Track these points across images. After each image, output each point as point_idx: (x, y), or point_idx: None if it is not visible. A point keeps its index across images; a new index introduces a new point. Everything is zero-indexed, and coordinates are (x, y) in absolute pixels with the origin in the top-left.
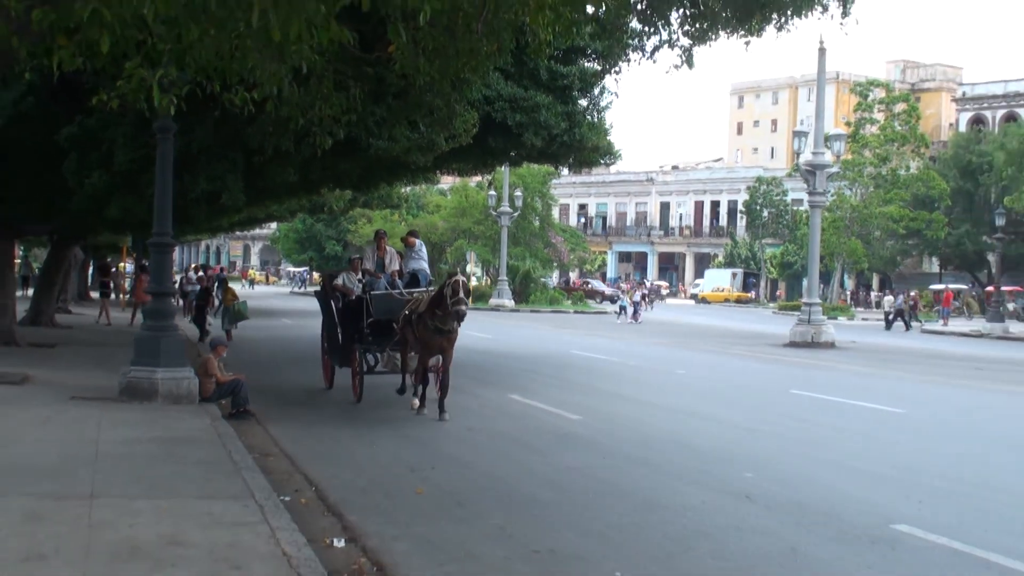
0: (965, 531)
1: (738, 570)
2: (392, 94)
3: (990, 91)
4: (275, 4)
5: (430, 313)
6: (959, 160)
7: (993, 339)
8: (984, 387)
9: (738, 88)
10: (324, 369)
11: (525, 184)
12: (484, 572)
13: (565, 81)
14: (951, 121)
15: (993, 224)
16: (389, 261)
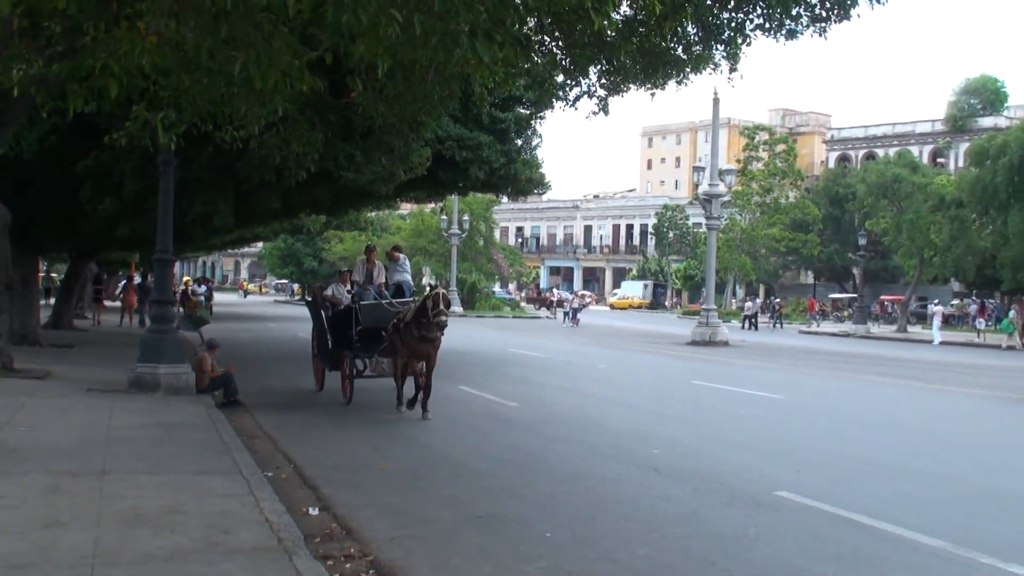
0: (835, 496)
1: (647, 531)
2: (358, 134)
3: (854, 134)
4: (256, 57)
5: (416, 323)
6: (829, 191)
7: (858, 338)
8: (848, 377)
9: (648, 131)
10: (315, 372)
11: (471, 210)
12: (436, 533)
13: (503, 124)
14: (822, 159)
15: (856, 244)
16: (377, 274)
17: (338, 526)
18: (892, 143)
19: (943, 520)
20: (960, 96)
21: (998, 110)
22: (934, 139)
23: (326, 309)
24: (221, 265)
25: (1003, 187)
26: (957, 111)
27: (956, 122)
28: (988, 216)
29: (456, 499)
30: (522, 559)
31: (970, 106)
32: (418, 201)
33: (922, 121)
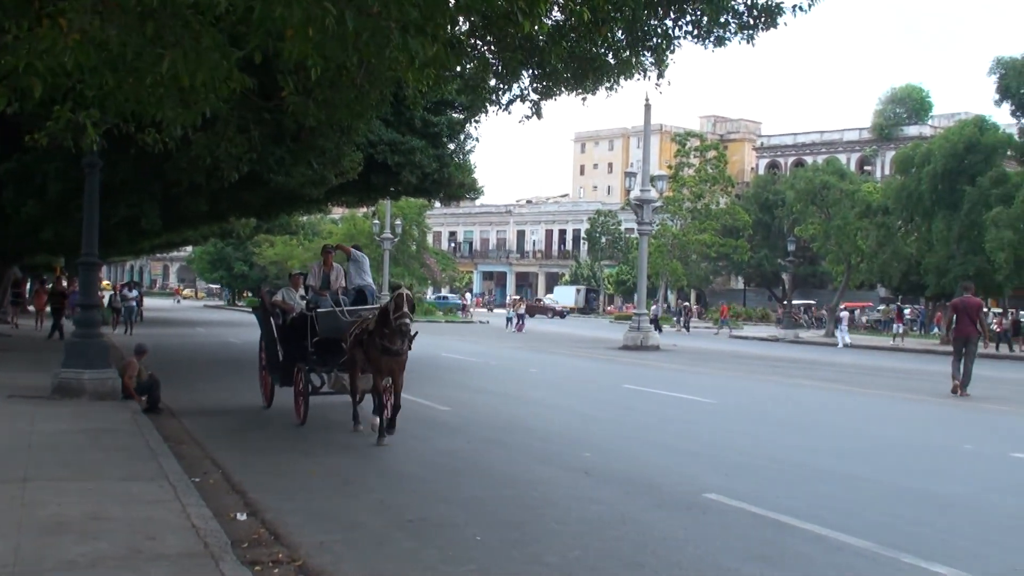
0: (762, 497)
1: (577, 533)
2: (289, 136)
3: (783, 142)
4: (184, 56)
5: (379, 332)
6: (759, 197)
7: (787, 343)
8: (776, 380)
9: (580, 136)
10: (263, 388)
11: (404, 214)
12: (365, 538)
13: (436, 128)
14: (752, 166)
15: (786, 249)
16: (335, 277)
17: (266, 531)
18: (820, 150)
19: (868, 521)
20: (886, 105)
21: (923, 119)
22: (861, 147)
23: (276, 316)
24: (149, 269)
25: (927, 195)
26: (883, 120)
27: (882, 130)
28: (913, 223)
29: (386, 503)
30: (452, 563)
31: (896, 115)
32: (350, 205)
33: (849, 129)
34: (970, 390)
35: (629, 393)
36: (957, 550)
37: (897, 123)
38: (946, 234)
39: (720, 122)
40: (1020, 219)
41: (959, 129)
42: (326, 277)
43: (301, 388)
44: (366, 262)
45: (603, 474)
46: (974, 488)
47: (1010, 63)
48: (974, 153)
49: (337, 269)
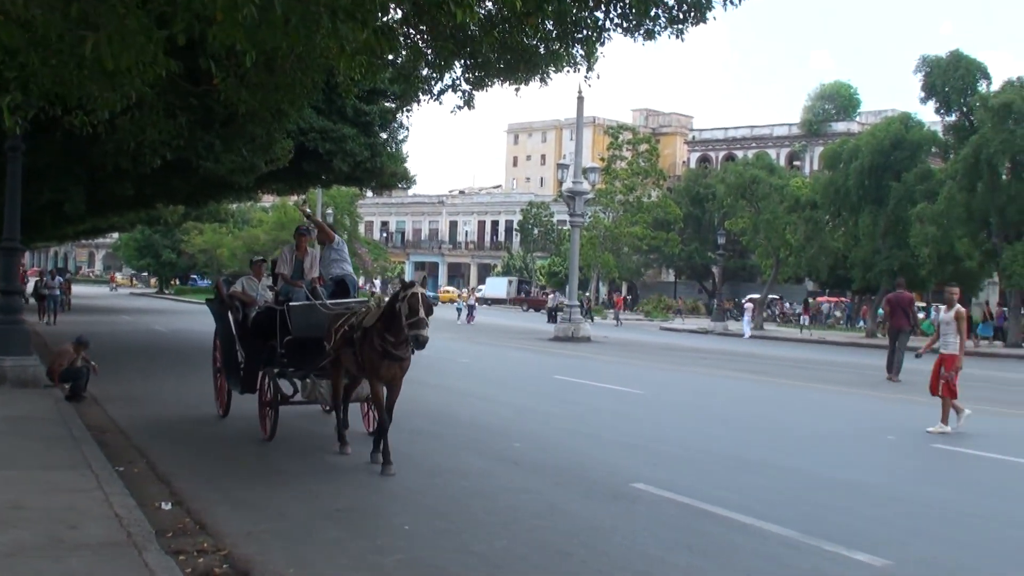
0: (689, 487)
1: (506, 523)
2: (219, 122)
3: (714, 136)
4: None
5: (379, 332)
6: (690, 191)
7: (716, 335)
8: (705, 372)
9: (514, 127)
10: (218, 394)
11: (335, 203)
12: (292, 528)
13: (368, 117)
14: (684, 159)
15: (716, 243)
16: (310, 265)
17: (192, 521)
18: (751, 145)
19: (792, 510)
20: (815, 101)
21: (851, 115)
22: (790, 142)
23: (235, 311)
24: (74, 256)
25: (855, 190)
26: (812, 116)
27: (811, 126)
28: (840, 218)
29: (314, 493)
30: (380, 552)
31: (825, 111)
32: (280, 193)
33: (779, 124)
34: (904, 383)
35: (559, 384)
36: (878, 538)
37: (826, 119)
38: (872, 229)
39: (652, 116)
40: (944, 215)
41: (886, 126)
42: (299, 264)
43: (268, 397)
44: (344, 248)
45: (532, 464)
46: (896, 478)
47: (935, 62)
48: (900, 150)
49: (312, 255)
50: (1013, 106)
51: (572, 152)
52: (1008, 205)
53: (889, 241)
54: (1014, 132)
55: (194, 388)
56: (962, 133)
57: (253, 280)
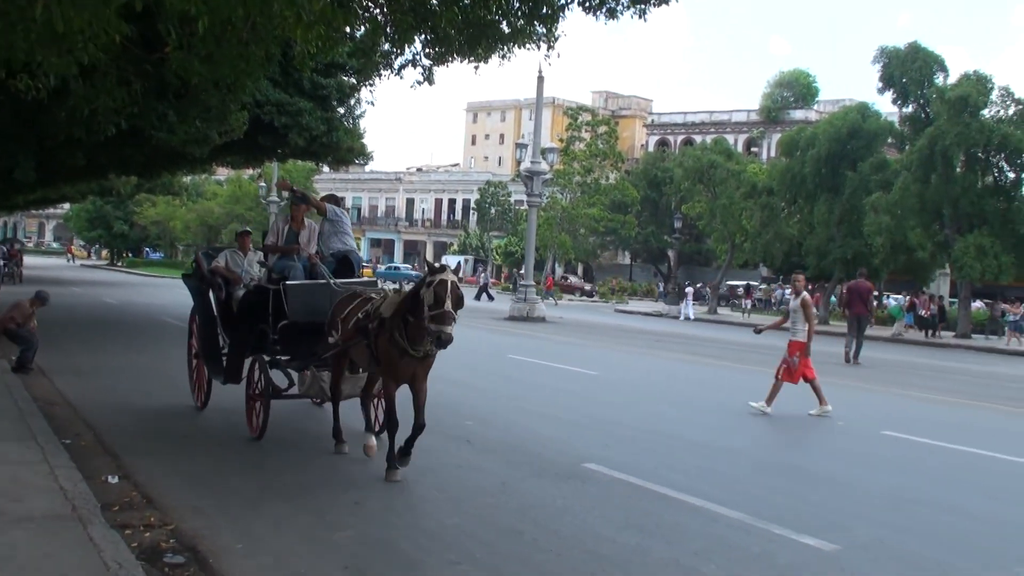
0: (641, 469)
1: (457, 500)
2: (173, 92)
3: (673, 120)
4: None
5: (398, 323)
6: (648, 174)
7: (670, 319)
8: (659, 355)
9: (473, 106)
10: (197, 383)
11: (291, 178)
12: (241, 502)
13: (325, 91)
14: (642, 142)
15: (672, 226)
16: (307, 239)
17: (138, 494)
18: (709, 130)
19: (743, 494)
20: (774, 88)
21: (809, 104)
22: (749, 128)
23: (218, 289)
24: (24, 226)
25: (811, 178)
26: (771, 103)
27: (769, 113)
28: (796, 205)
29: (262, 468)
30: (329, 527)
31: (783, 98)
32: (235, 166)
33: (738, 111)
34: (858, 371)
35: (514, 363)
36: (827, 522)
37: (784, 107)
38: (827, 217)
39: (612, 98)
40: (898, 205)
41: (843, 115)
42: (294, 237)
43: (258, 389)
44: (346, 220)
45: (484, 443)
46: (845, 463)
47: (893, 52)
48: (857, 139)
49: (310, 227)
50: (969, 99)
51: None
52: (961, 197)
53: (843, 229)
54: (969, 125)
55: (144, 361)
56: (918, 124)
57: (238, 254)
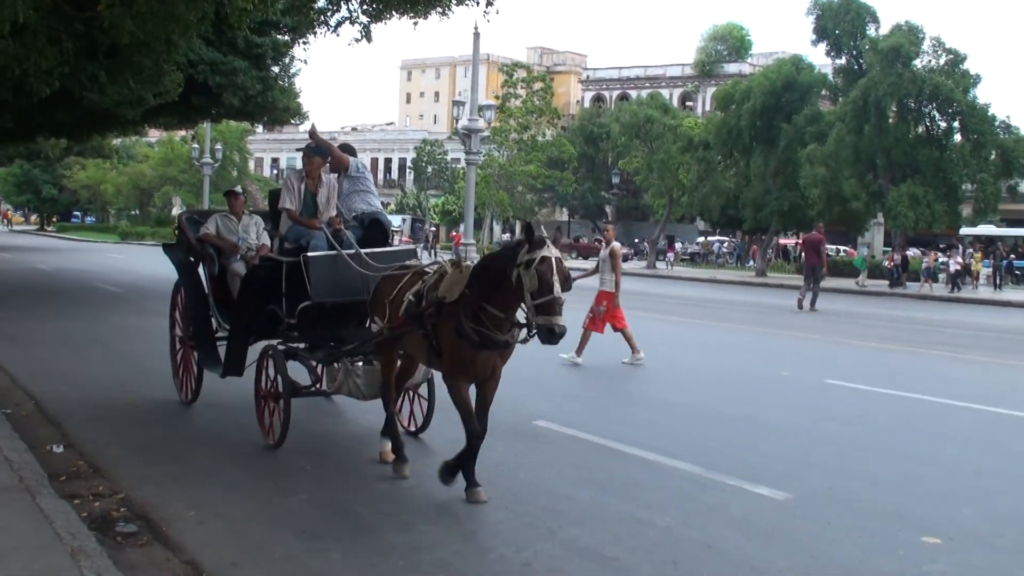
0: (592, 425)
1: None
2: (104, 52)
3: (608, 75)
4: None
5: (467, 310)
6: (584, 130)
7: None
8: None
9: (407, 64)
10: (183, 371)
11: (225, 139)
12: (192, 470)
13: (260, 50)
14: (578, 99)
15: (610, 182)
16: (326, 200)
17: (85, 464)
18: (644, 85)
19: (695, 447)
20: (708, 42)
21: (743, 57)
22: (683, 83)
23: (209, 261)
24: None
25: (747, 131)
26: (705, 56)
27: (704, 67)
28: (732, 158)
29: (212, 435)
30: (283, 492)
31: (717, 52)
32: (168, 128)
33: (672, 65)
34: (801, 320)
35: None
36: (778, 472)
37: (718, 60)
38: (763, 170)
39: (547, 54)
40: (832, 157)
41: (777, 68)
42: (310, 198)
43: (271, 386)
44: (368, 174)
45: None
46: (792, 414)
47: (826, 5)
48: (791, 91)
49: (328, 184)
50: (901, 50)
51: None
52: (894, 147)
53: (779, 182)
54: (901, 76)
55: (80, 328)
56: (851, 76)
57: (230, 219)
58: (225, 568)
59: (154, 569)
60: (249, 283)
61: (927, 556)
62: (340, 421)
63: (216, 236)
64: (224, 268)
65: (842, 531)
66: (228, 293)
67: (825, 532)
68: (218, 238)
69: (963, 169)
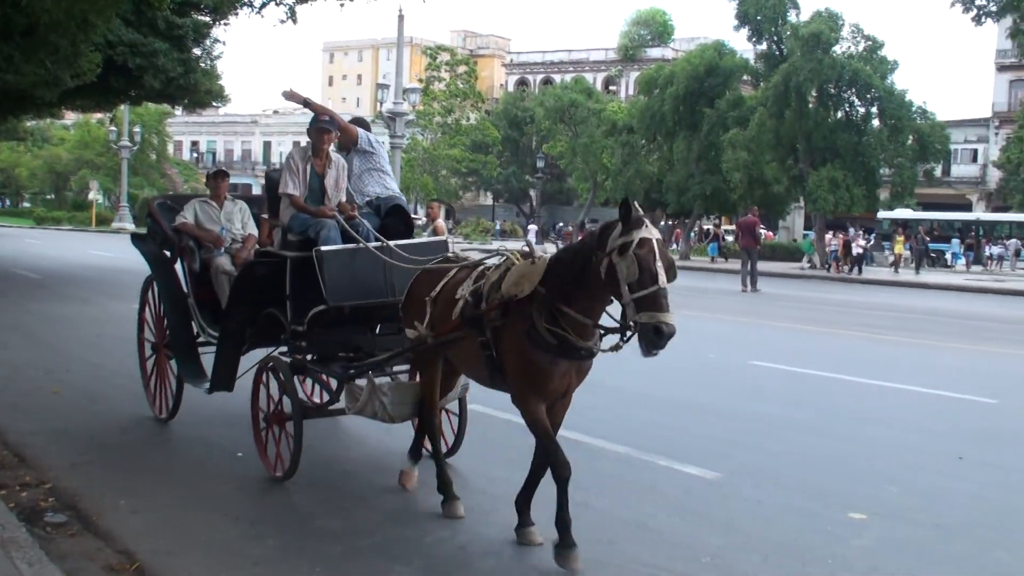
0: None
1: (347, 445)
2: (18, 32)
3: (532, 59)
4: None
5: (543, 308)
6: (508, 114)
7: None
8: None
9: (329, 46)
10: (158, 383)
11: (143, 122)
12: (118, 458)
13: (181, 31)
14: (502, 82)
15: (534, 166)
16: (335, 183)
17: (10, 454)
18: (568, 69)
19: (624, 428)
20: (631, 27)
21: (666, 42)
22: (607, 67)
23: (188, 255)
24: None
25: (670, 115)
26: (628, 41)
27: (627, 52)
28: (656, 142)
29: (138, 422)
30: (212, 478)
31: (640, 37)
32: (86, 110)
33: (596, 49)
34: (735, 302)
35: None
36: (707, 452)
37: (641, 45)
38: (686, 154)
39: (471, 37)
40: (754, 141)
41: (700, 53)
42: (318, 181)
43: (277, 406)
44: (382, 150)
45: None
46: (719, 394)
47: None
48: (714, 76)
49: (337, 164)
50: (821, 36)
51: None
52: (814, 132)
53: (702, 166)
54: (821, 61)
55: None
56: (772, 61)
57: (211, 205)
58: (160, 557)
59: (86, 560)
60: (244, 282)
61: (854, 532)
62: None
63: (195, 226)
64: (207, 264)
65: (772, 509)
66: (212, 293)
67: (756, 510)
68: (198, 229)
69: (881, 154)
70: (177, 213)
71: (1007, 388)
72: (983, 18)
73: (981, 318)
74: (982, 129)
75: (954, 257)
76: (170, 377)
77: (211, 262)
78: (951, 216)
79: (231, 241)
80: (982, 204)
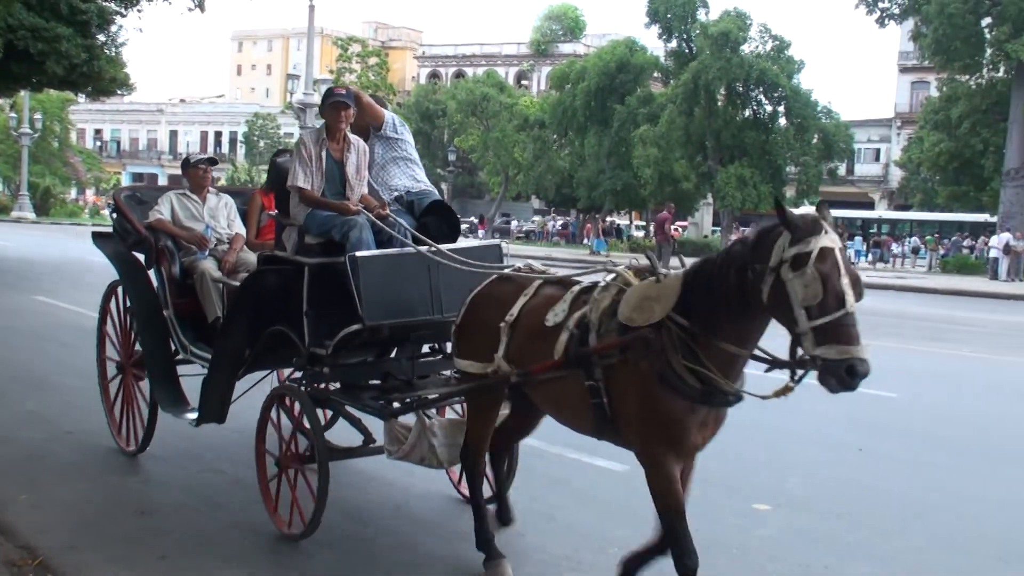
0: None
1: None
2: None
3: (444, 52)
4: None
5: (678, 339)
6: (420, 107)
7: None
8: None
9: (238, 35)
10: (123, 409)
11: (45, 109)
12: (22, 453)
13: (85, 16)
14: (414, 75)
15: (446, 159)
16: (355, 172)
17: None
18: (480, 63)
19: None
20: (543, 22)
21: (577, 37)
22: (519, 61)
23: (165, 258)
24: None
25: (581, 111)
26: (540, 36)
27: (539, 46)
28: (567, 138)
29: (41, 416)
30: (121, 472)
31: (552, 32)
32: None
33: (508, 43)
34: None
35: None
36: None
37: (553, 40)
38: (597, 149)
39: (382, 29)
40: (664, 138)
41: (611, 49)
42: (336, 169)
43: (294, 449)
44: (407, 133)
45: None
46: None
47: None
48: (625, 73)
49: (358, 149)
50: (730, 35)
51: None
52: (723, 130)
53: (613, 162)
54: (730, 60)
55: None
56: (682, 59)
57: (190, 198)
58: (63, 552)
59: None
60: (249, 295)
61: (758, 522)
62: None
63: (171, 223)
64: (189, 269)
65: None
66: (195, 303)
67: None
68: (176, 226)
69: (787, 152)
70: (148, 207)
71: (906, 383)
72: (886, 20)
73: (882, 314)
74: (885, 129)
75: (857, 255)
76: (139, 403)
77: (194, 267)
78: (854, 214)
79: (216, 242)
80: (884, 202)
